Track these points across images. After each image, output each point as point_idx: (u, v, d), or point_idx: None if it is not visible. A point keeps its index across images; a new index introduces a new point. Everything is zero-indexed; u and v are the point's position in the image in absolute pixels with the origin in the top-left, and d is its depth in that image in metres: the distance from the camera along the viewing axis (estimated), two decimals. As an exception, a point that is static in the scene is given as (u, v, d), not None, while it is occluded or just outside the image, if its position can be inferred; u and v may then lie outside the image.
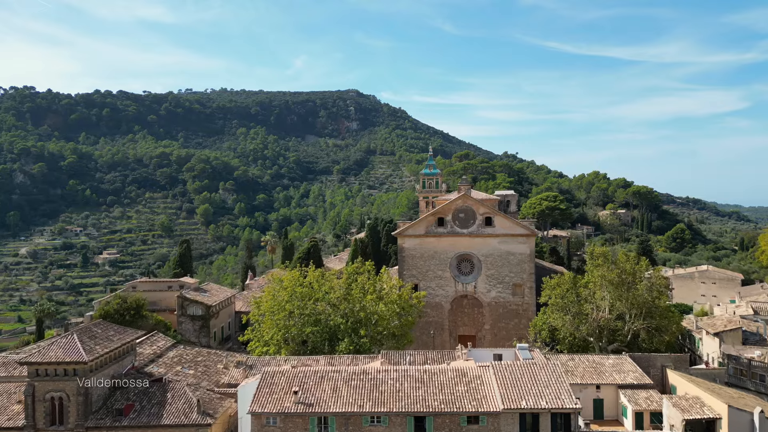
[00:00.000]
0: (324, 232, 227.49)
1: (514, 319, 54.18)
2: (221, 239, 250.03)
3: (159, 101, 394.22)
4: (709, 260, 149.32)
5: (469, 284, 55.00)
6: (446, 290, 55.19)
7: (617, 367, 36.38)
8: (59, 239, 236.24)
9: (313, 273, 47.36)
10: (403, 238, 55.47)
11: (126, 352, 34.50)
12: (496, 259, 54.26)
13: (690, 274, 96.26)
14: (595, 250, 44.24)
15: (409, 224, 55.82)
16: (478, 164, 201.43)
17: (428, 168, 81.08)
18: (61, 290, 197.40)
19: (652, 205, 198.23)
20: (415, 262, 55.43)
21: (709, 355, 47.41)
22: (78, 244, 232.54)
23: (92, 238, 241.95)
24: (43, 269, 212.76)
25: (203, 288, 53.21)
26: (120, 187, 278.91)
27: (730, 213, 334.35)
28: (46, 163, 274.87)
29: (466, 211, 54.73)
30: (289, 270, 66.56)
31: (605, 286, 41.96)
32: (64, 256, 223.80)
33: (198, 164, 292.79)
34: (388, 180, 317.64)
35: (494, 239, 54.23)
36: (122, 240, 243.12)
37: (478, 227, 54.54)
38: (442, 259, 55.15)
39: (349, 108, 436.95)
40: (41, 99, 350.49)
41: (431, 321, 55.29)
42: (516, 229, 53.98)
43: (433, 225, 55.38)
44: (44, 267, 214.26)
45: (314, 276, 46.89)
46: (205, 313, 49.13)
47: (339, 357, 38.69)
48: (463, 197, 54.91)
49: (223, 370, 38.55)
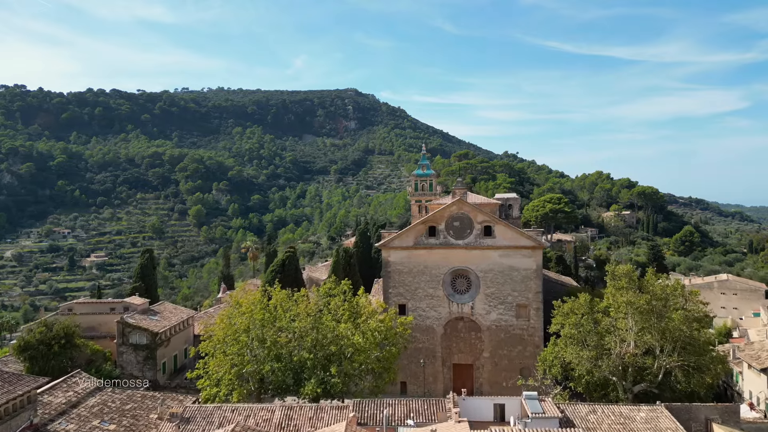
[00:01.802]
0: (320, 233, 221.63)
1: (518, 346, 46.18)
2: (213, 241, 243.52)
3: (153, 100, 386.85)
4: (721, 265, 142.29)
5: (466, 304, 47.01)
6: (438, 311, 47.22)
7: (651, 422, 28.47)
8: (46, 241, 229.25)
9: (278, 294, 39.47)
10: (388, 250, 47.50)
11: (20, 407, 26.76)
12: (496, 275, 46.26)
13: (708, 284, 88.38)
14: (617, 269, 36.19)
15: (395, 234, 47.79)
16: (478, 164, 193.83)
17: (421, 168, 72.19)
18: (45, 295, 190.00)
19: (658, 206, 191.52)
20: (403, 278, 47.45)
21: (753, 394, 39.64)
22: (65, 247, 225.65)
23: (80, 240, 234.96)
24: (27, 273, 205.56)
25: (154, 310, 45.28)
26: (110, 187, 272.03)
27: (733, 213, 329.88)
28: (35, 163, 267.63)
29: (461, 219, 46.75)
30: (263, 283, 58.77)
31: (631, 315, 34.04)
32: (50, 259, 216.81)
33: (191, 164, 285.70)
34: (387, 180, 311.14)
35: (495, 252, 46.24)
36: (111, 242, 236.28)
37: (476, 238, 46.57)
38: (433, 275, 47.19)
39: (347, 107, 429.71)
40: (32, 98, 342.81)
41: (421, 347, 47.31)
42: (520, 240, 45.97)
43: (424, 235, 47.41)
44: (29, 270, 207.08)
45: (280, 298, 39.01)
46: (150, 341, 41.17)
47: (299, 408, 30.78)
48: (458, 203, 46.84)
49: (156, 421, 30.80)
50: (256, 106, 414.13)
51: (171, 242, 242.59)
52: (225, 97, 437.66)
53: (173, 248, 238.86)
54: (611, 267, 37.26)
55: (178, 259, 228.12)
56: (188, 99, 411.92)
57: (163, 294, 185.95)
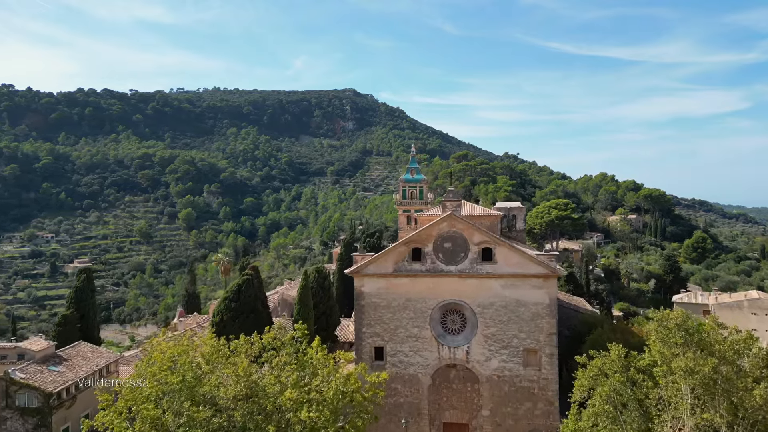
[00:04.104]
0: (314, 237, 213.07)
1: (526, 402, 36.07)
2: (203, 245, 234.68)
3: (146, 100, 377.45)
4: (740, 276, 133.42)
5: (459, 348, 36.94)
6: (425, 357, 37.15)
7: None
8: (28, 246, 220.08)
9: (211, 342, 29.47)
10: (362, 278, 37.46)
11: None
12: (498, 311, 36.23)
13: (737, 303, 78.51)
14: (667, 317, 26.07)
15: (370, 258, 37.68)
16: (478, 165, 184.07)
17: (410, 173, 60.79)
18: (23, 303, 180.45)
19: (665, 209, 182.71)
20: (380, 314, 37.41)
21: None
22: (48, 252, 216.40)
23: (64, 245, 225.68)
24: (6, 280, 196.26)
25: (61, 356, 35.22)
26: (98, 190, 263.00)
27: (737, 215, 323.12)
28: (20, 164, 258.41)
29: (453, 238, 36.73)
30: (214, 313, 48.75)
31: (688, 382, 24.08)
32: (31, 265, 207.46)
33: (182, 165, 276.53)
34: (384, 182, 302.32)
35: (496, 281, 36.22)
36: (96, 247, 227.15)
37: (472, 263, 36.54)
38: (418, 310, 37.15)
39: (345, 107, 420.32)
40: (20, 97, 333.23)
41: (402, 403, 37.18)
42: (529, 266, 35.92)
43: (406, 259, 37.38)
44: (8, 277, 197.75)
45: (210, 349, 29.00)
46: (42, 404, 31.23)
47: None
48: (450, 219, 36.74)
49: None
50: (252, 107, 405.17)
51: (159, 247, 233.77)
52: (220, 97, 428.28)
53: (161, 253, 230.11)
54: (657, 314, 27.21)
55: (166, 264, 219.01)
56: (182, 99, 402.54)
57: (146, 303, 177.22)
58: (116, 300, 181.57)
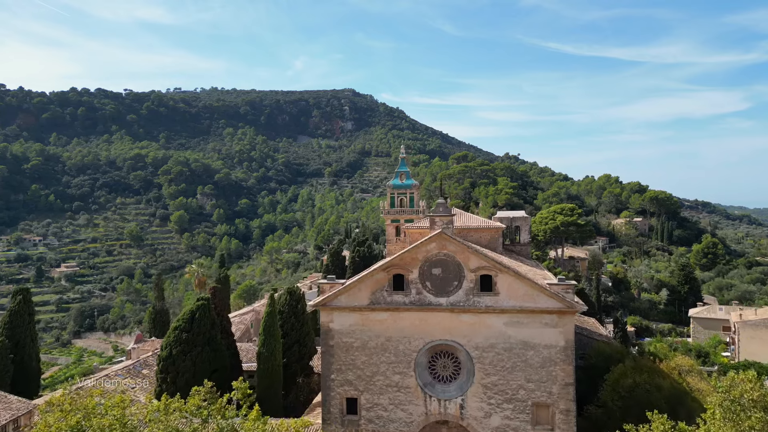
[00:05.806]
0: (309, 241, 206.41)
1: (536, 470, 28.69)
2: (195, 249, 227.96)
3: (140, 100, 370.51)
4: (755, 284, 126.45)
5: (452, 401, 29.50)
6: (409, 411, 29.76)
7: None
8: (15, 250, 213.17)
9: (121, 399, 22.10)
10: (330, 312, 30.07)
11: None
12: (501, 355, 28.82)
13: (763, 321, 71.05)
14: (734, 384, 18.74)
15: (341, 287, 30.32)
16: (478, 167, 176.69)
17: (398, 177, 52.54)
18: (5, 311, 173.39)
19: (671, 212, 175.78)
20: (352, 357, 30.04)
21: None
22: (35, 256, 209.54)
23: (52, 248, 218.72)
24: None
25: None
26: (88, 191, 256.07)
27: (740, 216, 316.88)
28: (8, 165, 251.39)
29: (444, 263, 29.36)
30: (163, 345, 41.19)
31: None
32: (17, 270, 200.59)
33: (175, 166, 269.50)
34: (383, 183, 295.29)
35: (498, 318, 28.84)
36: (85, 251, 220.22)
37: (468, 294, 29.14)
38: (401, 352, 29.75)
39: (344, 107, 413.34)
40: (11, 97, 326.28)
41: (381, 469, 29.89)
42: (539, 298, 28.50)
43: (386, 288, 29.98)
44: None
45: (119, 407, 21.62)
46: None
47: None
48: (439, 239, 29.30)
49: None
50: (249, 107, 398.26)
51: (150, 250, 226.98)
52: (217, 97, 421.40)
53: (152, 257, 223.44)
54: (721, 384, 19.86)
55: (156, 268, 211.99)
56: (178, 99, 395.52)
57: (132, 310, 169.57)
58: (102, 306, 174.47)
